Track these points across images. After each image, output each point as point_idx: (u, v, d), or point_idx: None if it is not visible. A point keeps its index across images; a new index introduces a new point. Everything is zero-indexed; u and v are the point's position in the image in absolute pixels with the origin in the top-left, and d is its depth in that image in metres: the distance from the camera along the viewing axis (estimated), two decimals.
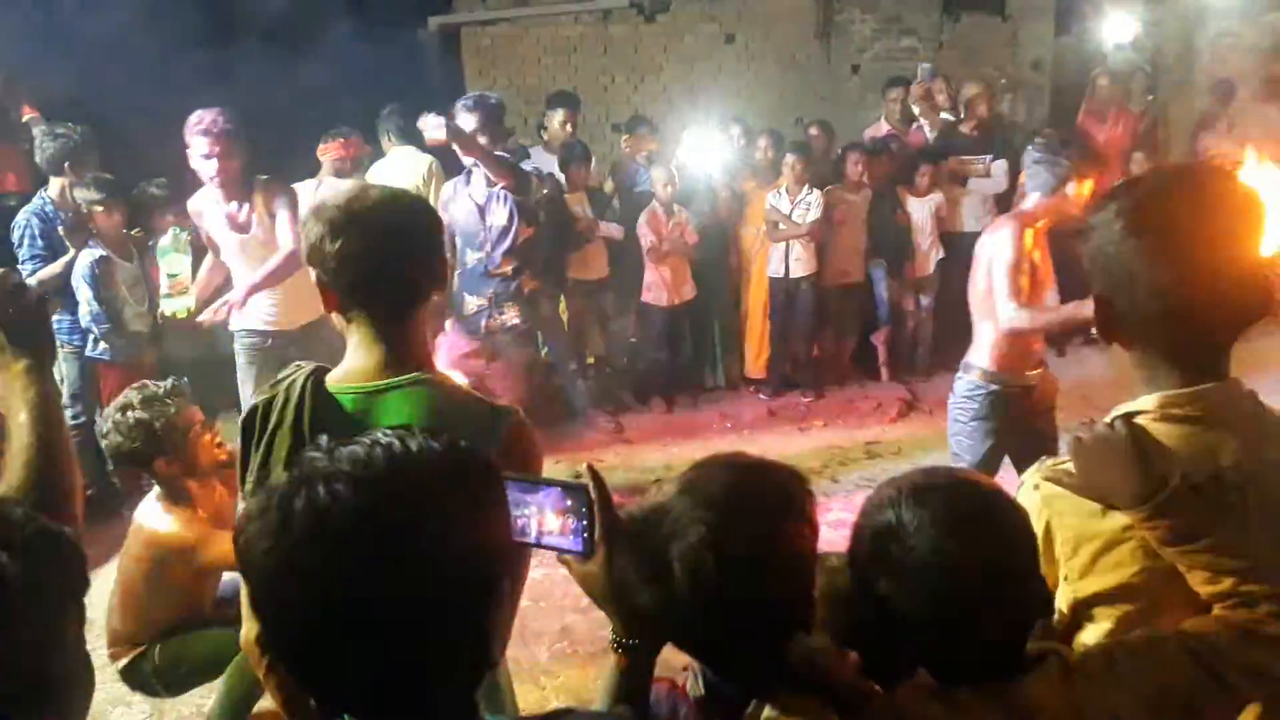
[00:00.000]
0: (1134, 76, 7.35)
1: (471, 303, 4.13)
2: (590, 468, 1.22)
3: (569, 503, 1.20)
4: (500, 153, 4.14)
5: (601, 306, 6.03)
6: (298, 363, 1.63)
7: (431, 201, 4.48)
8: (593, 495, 1.19)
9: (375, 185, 1.63)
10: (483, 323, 4.13)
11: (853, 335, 6.46)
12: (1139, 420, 1.28)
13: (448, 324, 4.25)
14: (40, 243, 4.37)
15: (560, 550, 1.22)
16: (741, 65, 8.60)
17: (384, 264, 1.54)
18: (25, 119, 5.29)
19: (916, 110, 6.55)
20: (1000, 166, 6.33)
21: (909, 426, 5.69)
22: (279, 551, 0.82)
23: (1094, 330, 1.39)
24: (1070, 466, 1.29)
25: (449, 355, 3.99)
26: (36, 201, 4.44)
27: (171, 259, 4.29)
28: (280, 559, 0.82)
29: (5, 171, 5.21)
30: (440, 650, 0.86)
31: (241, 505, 1.70)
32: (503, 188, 4.02)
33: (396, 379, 1.55)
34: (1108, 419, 1.30)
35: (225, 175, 3.90)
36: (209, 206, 4.07)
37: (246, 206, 4.01)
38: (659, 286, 5.91)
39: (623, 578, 1.19)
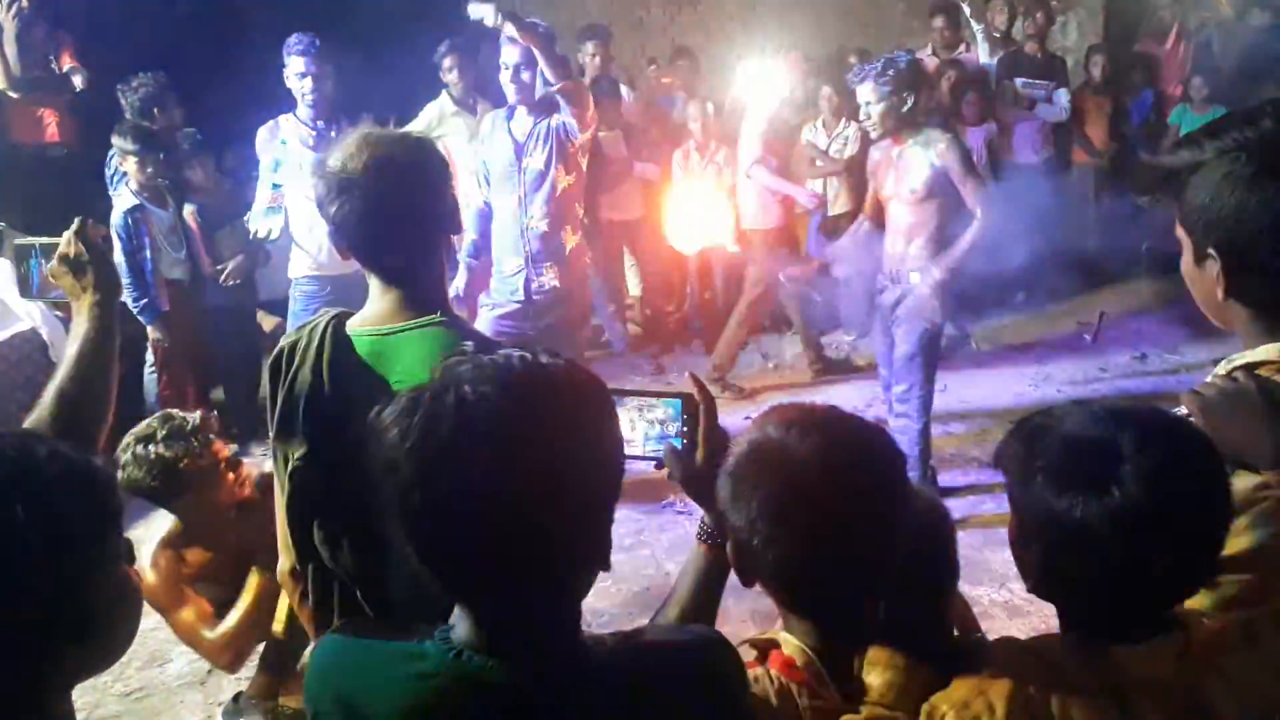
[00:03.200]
0: None
1: (510, 262, 3.77)
2: (693, 375, 1.31)
3: (667, 412, 1.28)
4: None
5: (636, 247, 5.96)
6: (325, 308, 1.65)
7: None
8: (698, 399, 1.26)
9: (373, 134, 1.57)
10: (521, 285, 3.75)
11: None
12: (1261, 373, 1.19)
13: (493, 283, 3.87)
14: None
15: (653, 459, 1.28)
16: None
17: (388, 220, 1.53)
18: (66, 69, 5.31)
19: (974, 23, 6.15)
20: (1063, 94, 6.08)
21: (956, 363, 5.58)
22: (425, 447, 0.88)
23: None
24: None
25: (489, 316, 3.79)
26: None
27: (281, 174, 4.20)
28: (427, 453, 0.88)
29: (48, 122, 5.25)
30: (560, 553, 0.94)
31: (268, 447, 1.75)
32: (559, 90, 3.52)
33: (413, 321, 1.56)
34: (1221, 371, 1.22)
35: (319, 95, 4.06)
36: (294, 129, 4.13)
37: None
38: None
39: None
